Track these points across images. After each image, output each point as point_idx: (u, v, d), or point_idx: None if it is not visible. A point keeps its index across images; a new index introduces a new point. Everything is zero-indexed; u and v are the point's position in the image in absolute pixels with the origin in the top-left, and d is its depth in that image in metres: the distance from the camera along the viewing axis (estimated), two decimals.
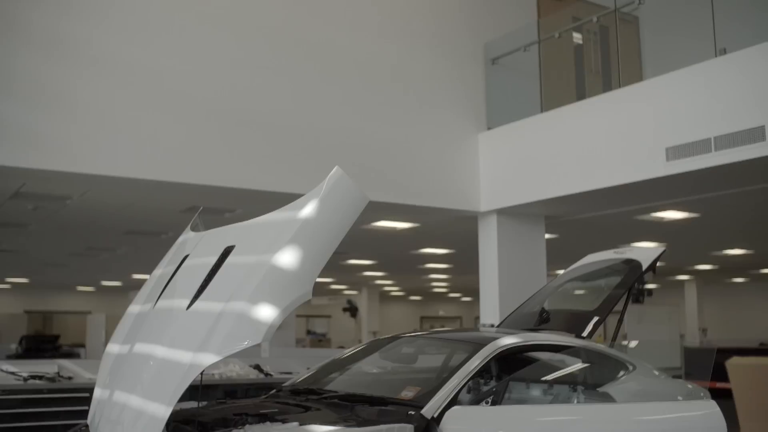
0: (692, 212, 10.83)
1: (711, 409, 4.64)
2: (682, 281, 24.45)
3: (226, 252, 4.46)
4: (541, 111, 9.06)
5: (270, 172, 7.78)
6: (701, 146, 7.04)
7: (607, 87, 8.93)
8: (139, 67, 7.31)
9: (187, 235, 5.11)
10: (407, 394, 4.62)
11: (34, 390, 6.55)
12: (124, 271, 20.65)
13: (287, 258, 4.08)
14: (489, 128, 9.34)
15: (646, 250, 6.14)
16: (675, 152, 7.24)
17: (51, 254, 16.72)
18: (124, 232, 12.88)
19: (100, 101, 7.08)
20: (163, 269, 5.01)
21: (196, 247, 4.82)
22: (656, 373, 5.31)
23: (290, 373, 7.67)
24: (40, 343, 21.32)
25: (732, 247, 16.26)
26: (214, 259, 4.46)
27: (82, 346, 20.85)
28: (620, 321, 6.11)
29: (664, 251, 5.98)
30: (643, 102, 7.73)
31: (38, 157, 6.76)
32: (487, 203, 9.14)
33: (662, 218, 11.21)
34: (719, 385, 5.17)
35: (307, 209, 4.23)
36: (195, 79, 7.57)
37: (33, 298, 29.14)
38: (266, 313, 3.95)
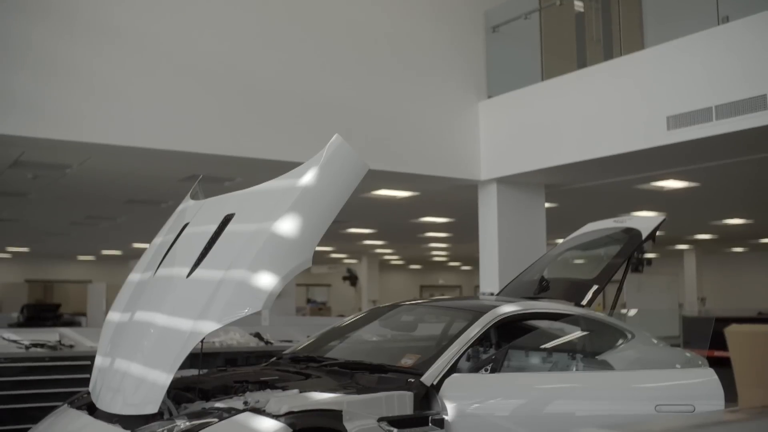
0: (692, 181, 10.82)
1: (709, 376, 4.66)
2: (682, 251, 24.49)
3: (226, 220, 4.46)
4: (542, 79, 9.01)
5: (270, 140, 7.76)
6: (702, 115, 7.01)
7: (608, 55, 8.87)
8: (139, 36, 7.26)
9: (187, 204, 5.11)
10: (407, 361, 4.64)
11: (36, 358, 6.57)
12: (125, 240, 20.67)
13: (287, 226, 4.08)
14: (489, 97, 9.30)
15: (645, 219, 6.14)
16: (676, 121, 7.21)
17: (51, 223, 16.73)
18: (124, 201, 12.87)
19: (98, 70, 7.04)
20: (163, 237, 5.01)
21: (196, 215, 4.82)
22: (655, 341, 5.34)
23: (290, 341, 7.70)
24: (41, 311, 21.38)
25: (731, 217, 16.26)
26: (214, 227, 4.47)
27: (83, 314, 20.92)
28: (619, 290, 6.13)
29: (663, 220, 5.98)
30: (645, 70, 7.69)
31: (37, 126, 6.73)
32: (487, 172, 9.12)
33: (662, 187, 11.20)
34: (717, 353, 5.17)
35: (307, 177, 4.22)
36: (194, 48, 7.52)
37: (34, 267, 29.21)
38: (266, 280, 3.96)
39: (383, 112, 8.52)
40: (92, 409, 4.38)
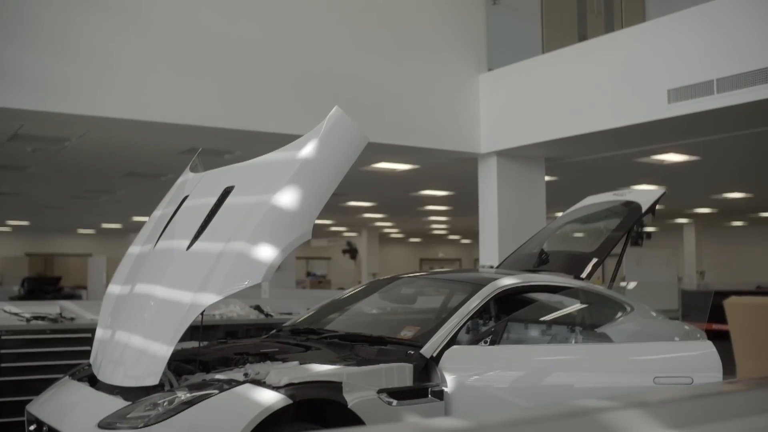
0: (693, 155, 10.81)
1: (707, 349, 4.68)
2: (681, 224, 24.50)
3: (226, 192, 4.46)
4: (543, 52, 8.96)
5: (269, 113, 7.73)
6: (703, 88, 6.98)
7: (609, 28, 8.83)
8: (137, 8, 7.21)
9: (187, 176, 5.10)
10: (406, 333, 4.66)
11: (37, 330, 6.60)
12: (124, 214, 20.68)
13: (287, 198, 4.08)
14: (490, 69, 9.26)
15: (645, 192, 6.13)
16: (677, 94, 7.19)
17: (51, 197, 16.72)
18: (124, 174, 12.86)
19: (97, 42, 7.00)
20: (162, 210, 5.01)
21: (196, 187, 4.82)
22: (654, 314, 5.35)
23: (290, 313, 7.72)
24: (42, 285, 21.44)
25: (731, 191, 16.26)
26: (213, 200, 4.47)
27: (84, 288, 20.97)
28: (619, 263, 6.14)
29: (663, 194, 5.97)
30: (646, 43, 7.65)
31: (36, 98, 6.71)
32: (487, 145, 9.10)
33: (662, 161, 11.18)
34: (715, 326, 5.19)
35: (307, 149, 4.22)
36: (193, 21, 7.48)
37: (34, 240, 29.24)
38: (266, 253, 3.96)
39: (383, 84, 8.49)
40: (93, 381, 4.40)
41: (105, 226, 25.65)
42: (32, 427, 4.32)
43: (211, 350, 4.78)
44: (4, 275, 27.68)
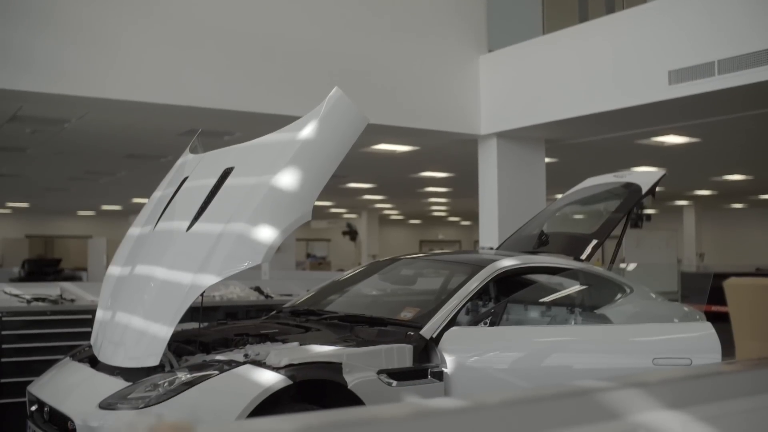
0: (693, 137, 10.78)
1: (706, 330, 4.69)
2: (681, 206, 24.49)
3: (226, 173, 4.45)
4: (543, 33, 8.93)
5: (269, 94, 7.71)
6: (704, 70, 6.96)
7: (609, 9, 8.78)
8: None
9: (186, 158, 5.09)
10: (406, 315, 4.67)
11: (38, 312, 6.61)
12: (124, 196, 20.67)
13: (287, 179, 4.08)
14: (490, 51, 9.22)
15: (646, 174, 6.13)
16: (678, 76, 7.16)
17: (50, 178, 16.70)
18: (123, 156, 12.84)
19: (96, 23, 6.97)
20: (162, 191, 5.01)
21: (196, 168, 4.81)
22: (653, 295, 5.36)
23: (290, 295, 7.73)
24: (42, 266, 21.45)
25: (732, 173, 16.24)
26: (213, 181, 4.46)
27: (84, 270, 20.98)
28: (618, 244, 6.14)
29: (664, 175, 5.97)
30: (646, 24, 7.62)
31: (35, 80, 6.68)
32: (487, 126, 9.08)
33: (663, 143, 11.16)
34: (715, 308, 5.19)
35: (307, 130, 4.21)
36: (193, 2, 7.44)
37: (34, 222, 29.23)
38: (266, 234, 3.96)
39: (383, 65, 8.46)
40: (94, 362, 4.42)
41: (105, 207, 25.64)
42: (33, 408, 4.34)
43: (211, 331, 4.79)
44: (4, 257, 27.70)
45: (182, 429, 0.98)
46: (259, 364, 3.86)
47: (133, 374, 4.00)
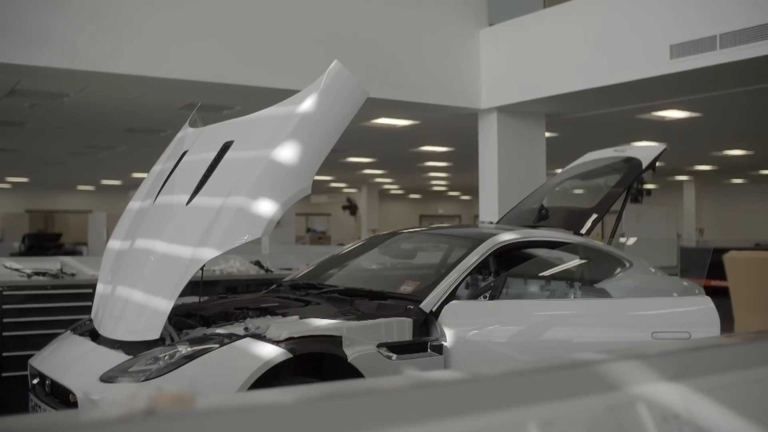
0: (694, 112, 10.75)
1: (705, 304, 4.70)
2: (681, 182, 24.48)
3: (225, 147, 4.44)
4: (544, 7, 8.87)
5: (268, 67, 7.68)
6: (706, 44, 6.92)
7: None
8: None
9: (186, 131, 5.08)
10: (406, 288, 4.68)
11: (39, 286, 6.61)
12: (124, 170, 20.65)
13: (286, 153, 4.07)
14: (490, 24, 9.17)
15: (646, 148, 6.12)
16: (679, 50, 7.13)
17: (50, 153, 16.67)
18: (123, 130, 12.81)
19: None
20: (162, 165, 5.00)
21: (195, 142, 4.80)
22: (653, 270, 5.37)
23: (290, 269, 7.74)
24: (43, 241, 21.44)
25: (732, 148, 16.22)
26: (213, 155, 4.45)
27: (84, 244, 21.00)
28: (618, 219, 6.14)
29: (664, 150, 5.96)
30: None
31: (33, 53, 6.65)
32: (487, 100, 9.05)
33: (663, 117, 11.13)
34: (714, 283, 5.20)
35: (306, 103, 4.19)
36: None
37: (34, 197, 29.22)
38: (266, 207, 3.96)
39: (383, 39, 8.41)
40: (95, 336, 4.43)
41: (105, 182, 25.62)
42: (35, 381, 4.36)
43: (212, 305, 4.80)
44: (4, 232, 27.70)
45: (183, 400, 0.98)
46: (260, 337, 3.87)
47: (133, 348, 4.01)
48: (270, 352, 3.75)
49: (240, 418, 0.96)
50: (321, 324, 4.05)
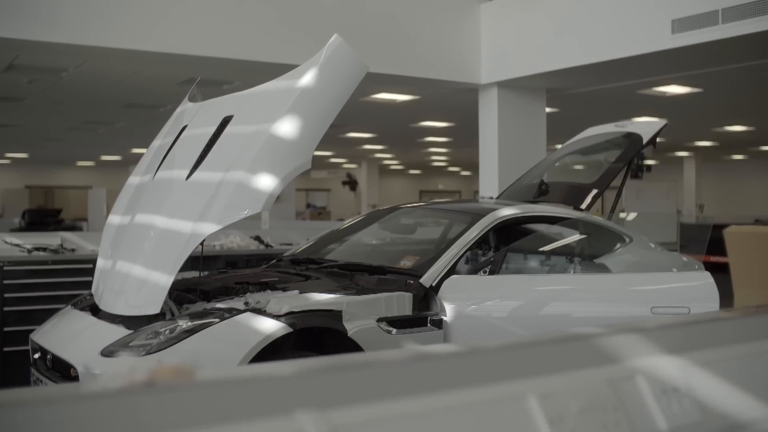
0: (695, 87, 10.73)
1: (705, 280, 4.70)
2: (681, 158, 24.45)
3: (225, 122, 4.43)
4: None
5: (268, 42, 7.64)
6: (708, 18, 6.88)
7: None
8: None
9: (185, 106, 5.06)
10: (406, 263, 4.69)
11: (39, 261, 6.62)
12: (124, 146, 20.63)
13: (286, 127, 4.05)
14: None
15: (646, 123, 6.10)
16: (681, 24, 7.09)
17: (49, 129, 16.65)
18: (122, 105, 12.78)
19: None
20: (161, 140, 4.99)
21: (195, 117, 4.78)
22: (652, 245, 5.37)
23: (290, 244, 7.75)
24: (43, 216, 21.43)
25: (733, 124, 16.18)
26: (212, 129, 4.44)
27: (84, 220, 20.99)
28: (618, 194, 6.14)
29: (665, 125, 5.94)
30: None
31: (31, 28, 6.61)
32: (487, 75, 9.02)
33: (664, 93, 11.11)
34: (714, 259, 5.22)
35: (306, 78, 4.17)
36: None
37: (33, 173, 29.20)
38: (266, 182, 3.95)
39: (383, 13, 8.37)
40: (95, 311, 4.44)
41: (104, 158, 25.60)
42: (36, 356, 4.37)
43: (212, 280, 4.81)
44: (4, 207, 27.70)
45: (183, 372, 0.99)
46: (260, 312, 3.88)
47: (134, 322, 4.02)
48: (270, 326, 3.76)
49: (240, 390, 0.97)
50: (321, 298, 4.06)
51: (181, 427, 0.88)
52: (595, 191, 5.59)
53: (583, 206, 5.51)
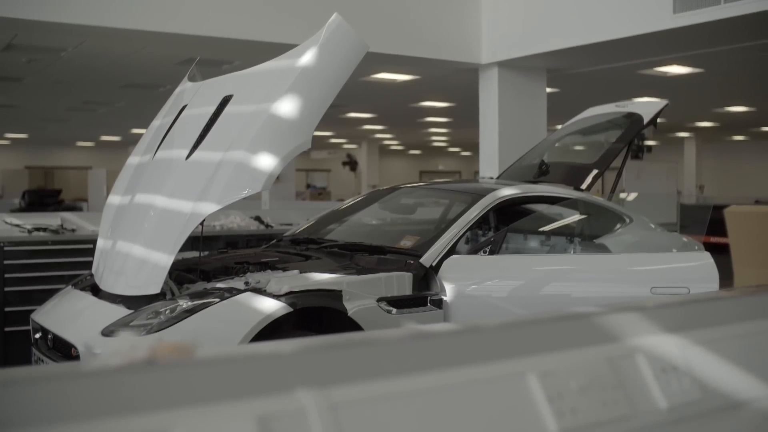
0: (696, 67, 10.69)
1: (705, 260, 4.70)
2: (682, 138, 24.41)
3: (225, 101, 4.41)
4: None
5: (268, 22, 7.60)
6: None
7: None
8: None
9: (185, 86, 5.05)
10: (406, 243, 4.69)
11: (39, 242, 6.62)
12: (123, 126, 20.59)
13: (286, 106, 4.04)
14: None
15: (647, 104, 6.08)
16: (682, 4, 7.05)
17: (49, 109, 16.61)
18: (121, 86, 12.74)
19: None
20: (161, 120, 4.98)
21: (194, 96, 4.77)
22: (652, 226, 5.37)
23: (290, 224, 7.75)
24: (43, 197, 21.44)
25: (734, 104, 16.14)
26: (212, 109, 4.43)
27: (84, 200, 20.99)
28: (619, 175, 6.13)
29: (666, 105, 5.92)
30: None
31: (29, 7, 6.58)
32: (488, 55, 8.98)
33: (665, 73, 11.07)
34: (714, 240, 5.22)
35: (306, 57, 4.16)
36: None
37: (33, 153, 29.15)
38: (265, 162, 3.95)
39: None
40: (96, 291, 4.45)
41: (104, 138, 25.56)
42: (37, 335, 4.39)
43: (212, 260, 4.81)
44: (4, 188, 27.69)
45: (184, 350, 0.99)
46: (260, 291, 3.88)
47: (134, 302, 4.03)
48: (270, 306, 3.76)
49: (240, 368, 0.97)
50: (321, 278, 4.07)
51: (182, 404, 0.88)
52: (595, 171, 5.58)
53: (584, 186, 5.51)
